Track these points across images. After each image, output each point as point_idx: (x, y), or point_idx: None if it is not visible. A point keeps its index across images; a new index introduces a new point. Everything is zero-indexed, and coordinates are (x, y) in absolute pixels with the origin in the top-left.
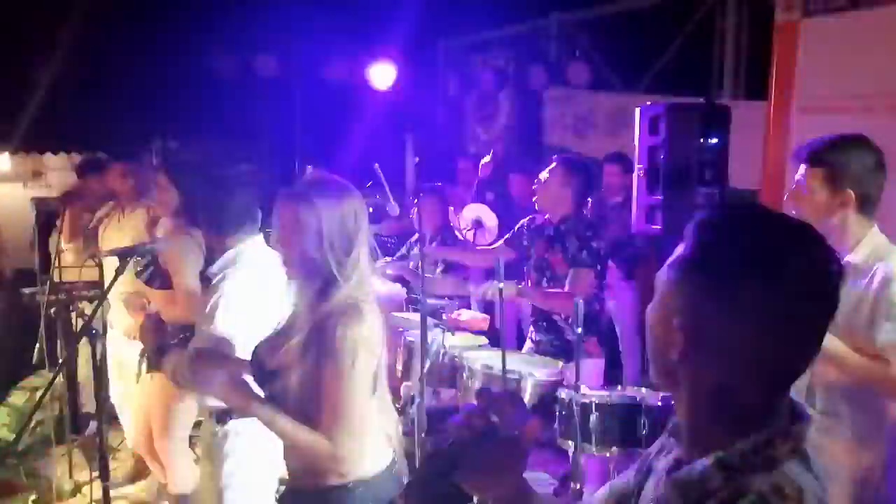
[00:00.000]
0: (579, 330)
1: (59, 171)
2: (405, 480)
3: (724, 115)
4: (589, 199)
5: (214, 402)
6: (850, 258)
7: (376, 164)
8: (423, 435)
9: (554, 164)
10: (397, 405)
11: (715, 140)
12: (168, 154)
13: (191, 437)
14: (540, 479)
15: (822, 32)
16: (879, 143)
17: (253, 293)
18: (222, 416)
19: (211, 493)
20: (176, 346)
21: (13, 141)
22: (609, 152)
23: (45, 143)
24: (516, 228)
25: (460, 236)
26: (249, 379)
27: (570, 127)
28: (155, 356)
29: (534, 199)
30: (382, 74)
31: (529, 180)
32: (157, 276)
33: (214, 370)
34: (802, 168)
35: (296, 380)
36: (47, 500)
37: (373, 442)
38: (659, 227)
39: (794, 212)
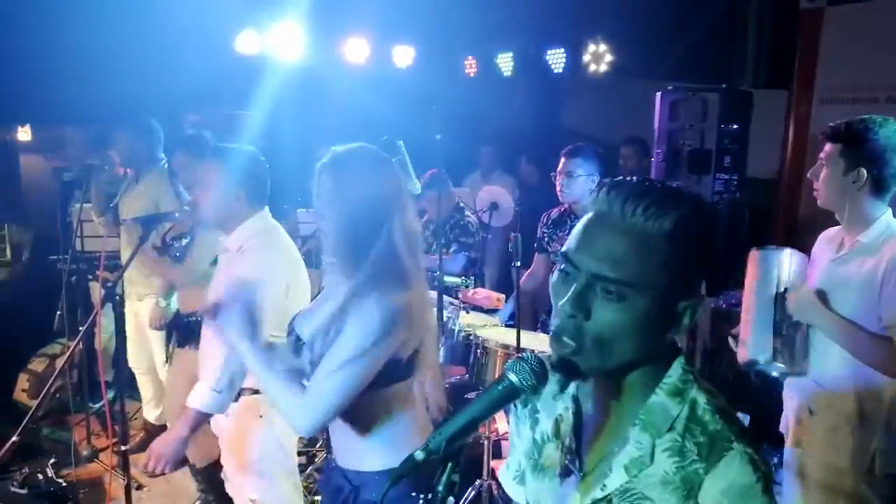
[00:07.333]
0: None
1: (80, 142)
2: None
3: (745, 101)
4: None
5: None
6: (861, 238)
7: (400, 141)
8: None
9: (580, 158)
10: None
11: (735, 126)
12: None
13: None
14: None
15: (847, 21)
16: None
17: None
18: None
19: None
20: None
21: (34, 112)
22: (627, 135)
23: (66, 114)
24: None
25: (472, 218)
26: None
27: (588, 112)
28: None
29: (561, 192)
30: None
31: (542, 167)
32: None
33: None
34: (826, 145)
35: (320, 348)
36: (66, 465)
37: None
38: None
39: (814, 187)
